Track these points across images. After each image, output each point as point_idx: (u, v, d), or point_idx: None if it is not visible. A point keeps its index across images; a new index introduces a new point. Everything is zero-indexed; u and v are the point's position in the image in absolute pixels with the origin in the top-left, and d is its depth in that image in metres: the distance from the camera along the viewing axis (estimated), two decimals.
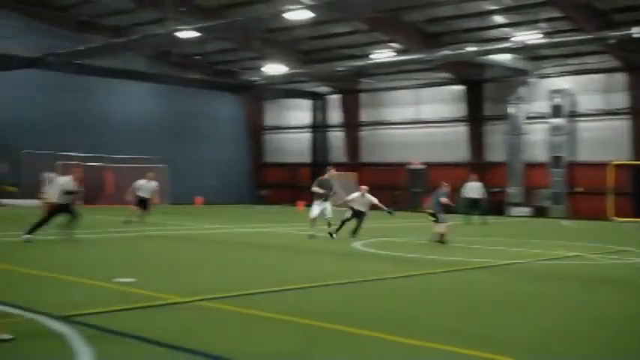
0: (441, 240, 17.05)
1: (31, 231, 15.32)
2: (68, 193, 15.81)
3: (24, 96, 35.40)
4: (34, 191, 34.27)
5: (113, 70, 35.13)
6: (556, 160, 33.48)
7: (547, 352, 6.48)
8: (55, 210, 15.68)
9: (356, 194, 18.85)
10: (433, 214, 17.52)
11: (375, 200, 18.60)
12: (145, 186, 22.84)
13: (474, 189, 26.41)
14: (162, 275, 10.97)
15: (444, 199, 17.67)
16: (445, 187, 18.26)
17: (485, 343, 6.70)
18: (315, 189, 18.52)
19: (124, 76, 36.41)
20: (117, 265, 12.25)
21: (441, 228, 17.32)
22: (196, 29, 27.21)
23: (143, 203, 22.66)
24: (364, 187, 19.05)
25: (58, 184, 16.14)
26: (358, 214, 18.61)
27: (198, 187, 40.12)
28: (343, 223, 18.34)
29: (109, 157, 36.48)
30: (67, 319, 7.11)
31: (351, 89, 41.42)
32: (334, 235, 17.81)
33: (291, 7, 25.47)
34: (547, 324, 7.68)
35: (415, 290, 10.16)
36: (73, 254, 13.73)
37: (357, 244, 16.60)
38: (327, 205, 18.33)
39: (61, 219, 15.70)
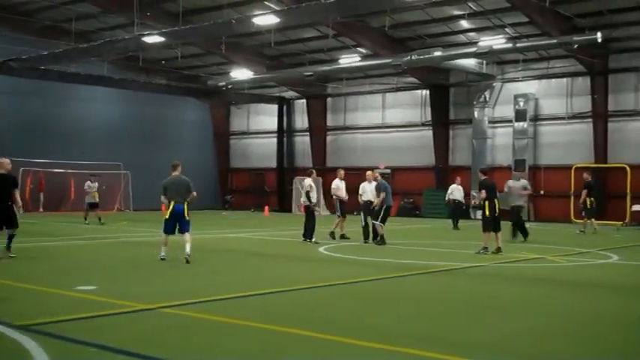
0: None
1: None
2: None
3: None
4: None
5: (78, 75, 34.68)
6: (519, 164, 33.79)
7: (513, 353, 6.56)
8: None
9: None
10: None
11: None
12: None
13: (458, 191, 26.61)
14: (124, 283, 10.90)
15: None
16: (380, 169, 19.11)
17: (451, 345, 6.76)
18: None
19: (88, 82, 35.99)
20: (79, 272, 12.13)
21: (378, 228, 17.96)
22: (163, 34, 27.01)
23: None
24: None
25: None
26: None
27: None
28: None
29: (72, 163, 35.95)
30: (25, 329, 7.04)
31: (317, 94, 41.47)
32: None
33: (258, 12, 25.35)
34: (513, 326, 7.78)
35: (383, 294, 10.20)
36: (36, 263, 13.56)
37: (321, 249, 16.63)
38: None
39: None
